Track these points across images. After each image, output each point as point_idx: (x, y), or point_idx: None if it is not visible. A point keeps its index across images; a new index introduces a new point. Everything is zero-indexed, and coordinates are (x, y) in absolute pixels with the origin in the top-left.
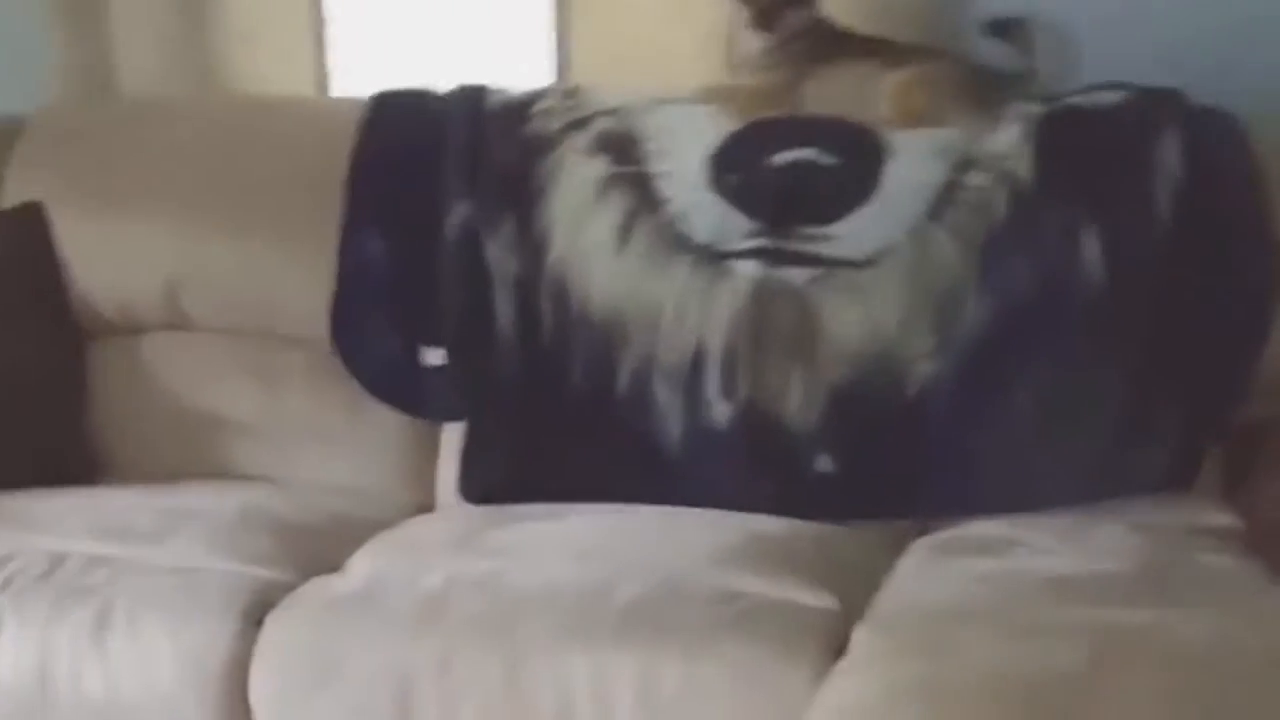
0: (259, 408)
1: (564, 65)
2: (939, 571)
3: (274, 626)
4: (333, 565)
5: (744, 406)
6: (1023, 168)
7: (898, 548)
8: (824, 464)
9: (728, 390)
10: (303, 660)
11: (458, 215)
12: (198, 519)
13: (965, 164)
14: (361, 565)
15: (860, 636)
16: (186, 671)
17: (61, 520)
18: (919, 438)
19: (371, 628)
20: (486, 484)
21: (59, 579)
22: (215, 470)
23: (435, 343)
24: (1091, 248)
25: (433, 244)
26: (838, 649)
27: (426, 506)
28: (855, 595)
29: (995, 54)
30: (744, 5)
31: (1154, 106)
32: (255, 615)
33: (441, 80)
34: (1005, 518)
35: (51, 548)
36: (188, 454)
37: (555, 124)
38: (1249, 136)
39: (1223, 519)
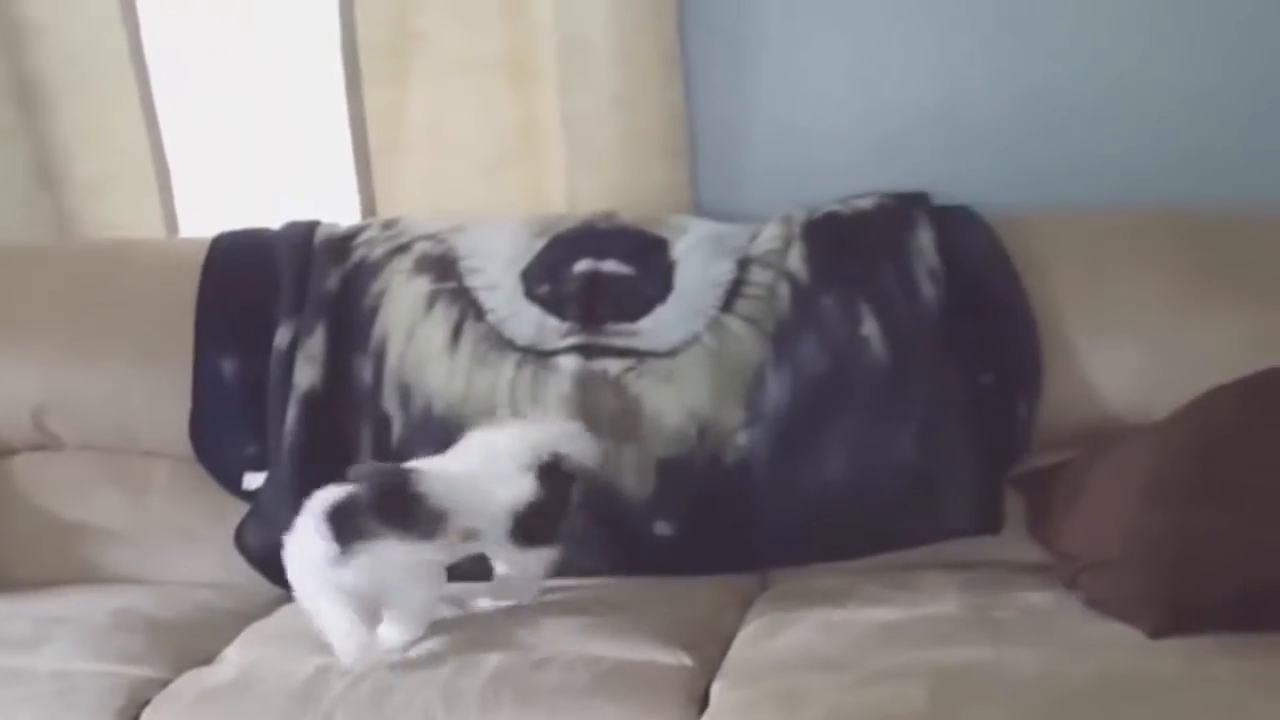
0: (126, 515)
1: (368, 203)
2: (783, 624)
3: None
4: (206, 658)
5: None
6: (796, 264)
7: (743, 604)
8: (662, 528)
9: None
10: None
11: (285, 335)
12: (71, 624)
13: (746, 262)
14: (234, 656)
15: (720, 691)
16: None
17: None
18: (743, 500)
19: (247, 715)
20: None
21: None
22: (87, 576)
23: None
24: (870, 326)
25: None
26: (700, 704)
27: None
28: (709, 651)
29: None
30: None
31: (904, 206)
32: (131, 712)
33: (273, 217)
34: (832, 566)
35: None
36: (59, 563)
37: (379, 250)
38: (988, 222)
39: (1033, 555)
